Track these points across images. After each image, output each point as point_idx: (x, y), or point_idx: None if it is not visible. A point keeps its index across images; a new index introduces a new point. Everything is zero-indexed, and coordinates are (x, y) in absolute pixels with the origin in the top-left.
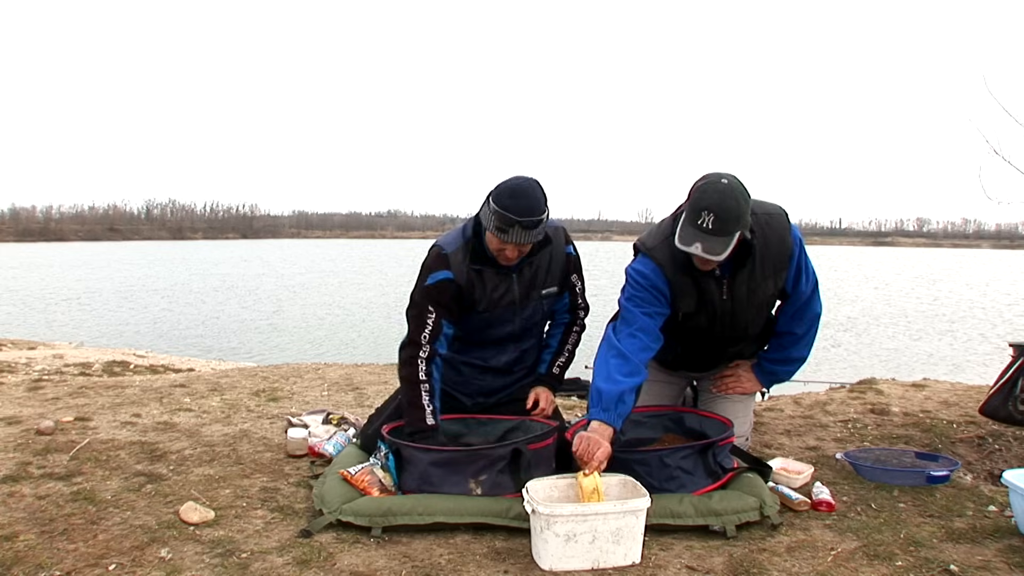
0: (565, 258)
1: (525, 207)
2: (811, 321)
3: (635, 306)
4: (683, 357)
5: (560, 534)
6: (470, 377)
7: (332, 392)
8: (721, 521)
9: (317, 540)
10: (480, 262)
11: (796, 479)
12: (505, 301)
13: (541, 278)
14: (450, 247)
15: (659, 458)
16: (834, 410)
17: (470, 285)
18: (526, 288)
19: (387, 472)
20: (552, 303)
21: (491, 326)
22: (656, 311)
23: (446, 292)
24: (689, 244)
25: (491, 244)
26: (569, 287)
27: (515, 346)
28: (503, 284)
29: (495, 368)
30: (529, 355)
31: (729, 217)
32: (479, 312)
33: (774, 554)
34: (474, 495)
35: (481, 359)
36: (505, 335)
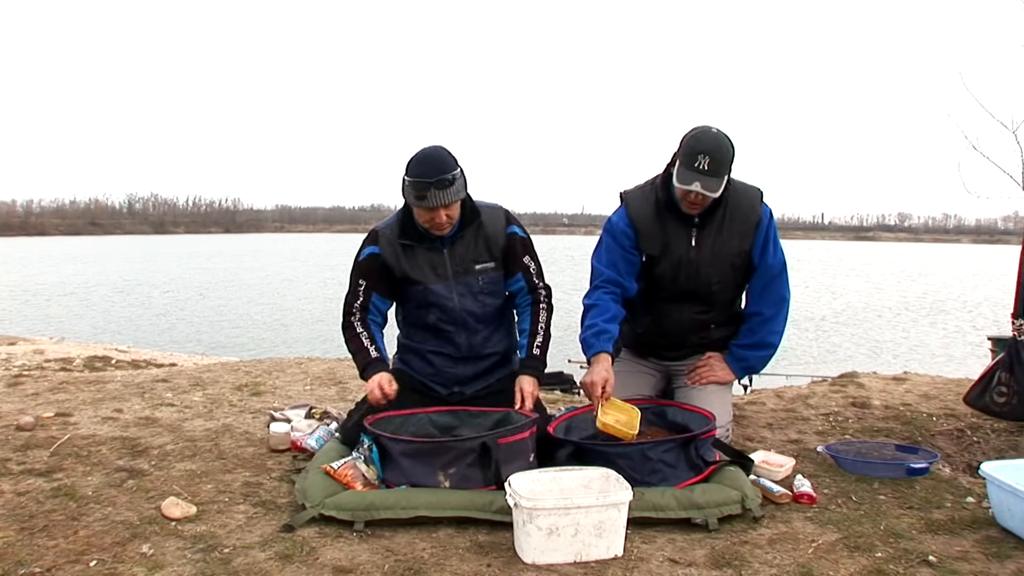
0: (507, 238)
1: (434, 168)
2: (779, 303)
3: (599, 261)
4: (653, 331)
5: (542, 527)
6: (442, 367)
7: (315, 387)
8: (703, 514)
9: (300, 535)
10: (410, 238)
11: (778, 472)
12: (437, 274)
13: (472, 253)
14: (383, 225)
15: (641, 452)
16: (816, 403)
17: (396, 259)
18: (459, 262)
19: (370, 466)
20: (493, 280)
21: (434, 302)
22: (622, 257)
23: (373, 266)
24: (688, 183)
25: (420, 219)
26: (522, 268)
27: (469, 331)
28: (434, 258)
29: (464, 355)
30: (496, 340)
31: (722, 159)
32: (414, 282)
33: (756, 546)
34: (443, 487)
35: (441, 346)
36: (451, 316)
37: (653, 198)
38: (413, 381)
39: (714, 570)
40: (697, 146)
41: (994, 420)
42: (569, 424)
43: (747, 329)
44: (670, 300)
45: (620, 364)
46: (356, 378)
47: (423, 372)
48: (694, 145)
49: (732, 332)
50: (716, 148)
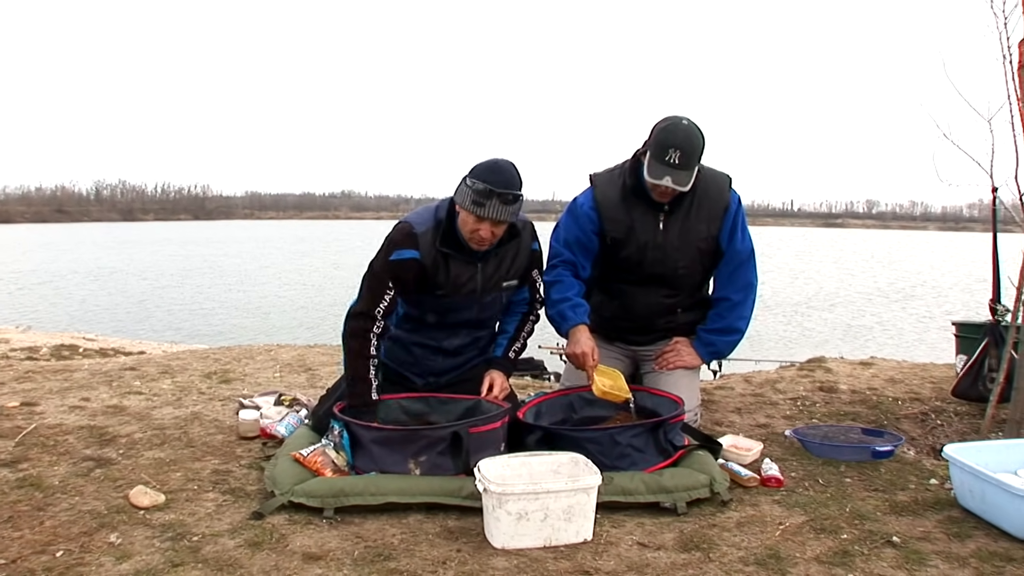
0: (529, 254)
1: (504, 180)
2: (746, 289)
3: (557, 241)
4: (620, 315)
5: (512, 512)
6: (421, 358)
7: (285, 373)
8: (672, 498)
9: (269, 522)
10: (449, 246)
11: (746, 456)
12: (466, 289)
13: (504, 270)
14: (421, 226)
15: (610, 436)
16: (784, 388)
17: (435, 268)
18: (488, 278)
19: (340, 452)
20: (511, 295)
21: (449, 311)
22: (579, 240)
23: (410, 271)
24: (660, 178)
25: (466, 225)
26: (530, 282)
27: (469, 332)
28: (467, 272)
29: (446, 350)
30: (482, 341)
31: (693, 152)
32: (438, 296)
33: (724, 529)
34: (413, 475)
35: (433, 340)
36: (461, 321)
37: (620, 183)
38: (389, 371)
39: (683, 553)
40: (668, 140)
41: (957, 403)
42: (539, 409)
43: (714, 314)
44: (637, 284)
45: None
46: (326, 364)
47: (401, 361)
48: (665, 139)
49: (699, 317)
50: (687, 142)
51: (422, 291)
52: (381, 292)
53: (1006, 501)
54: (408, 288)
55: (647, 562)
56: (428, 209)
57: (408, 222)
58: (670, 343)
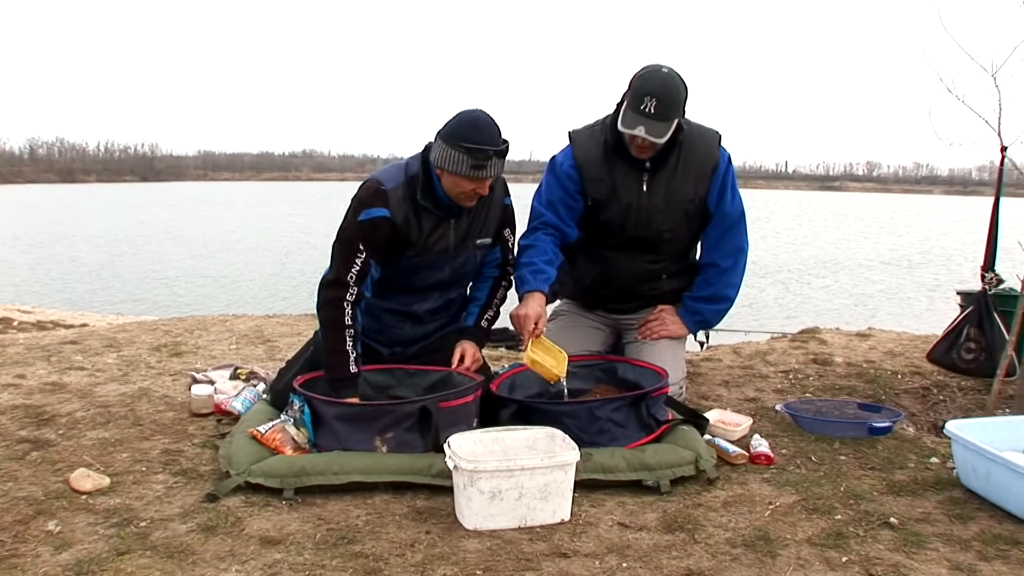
0: (502, 210)
1: (493, 136)
2: (735, 254)
3: (539, 202)
4: (601, 282)
5: (484, 491)
6: (388, 325)
7: (241, 345)
8: (655, 476)
9: (224, 504)
10: (421, 203)
11: (734, 431)
12: (439, 248)
13: (478, 227)
14: (390, 183)
15: (589, 410)
16: (775, 360)
17: (406, 226)
18: (462, 236)
19: (301, 429)
20: (484, 255)
21: (419, 272)
22: (562, 200)
23: (380, 231)
24: (633, 127)
25: (457, 187)
26: (502, 241)
27: (440, 295)
28: (439, 230)
29: (415, 315)
30: (452, 305)
31: (671, 102)
32: (409, 256)
33: (710, 509)
34: (380, 453)
35: (402, 305)
36: (432, 283)
37: (602, 140)
38: None
39: (666, 534)
40: (644, 87)
41: (961, 378)
42: (513, 382)
43: (702, 281)
44: (619, 248)
45: (566, 318)
46: (286, 335)
47: (366, 330)
48: (641, 86)
49: (685, 284)
50: (664, 90)
51: (393, 252)
52: (352, 256)
53: (1012, 481)
54: (380, 249)
55: (628, 543)
56: (397, 166)
57: (376, 179)
58: (654, 311)
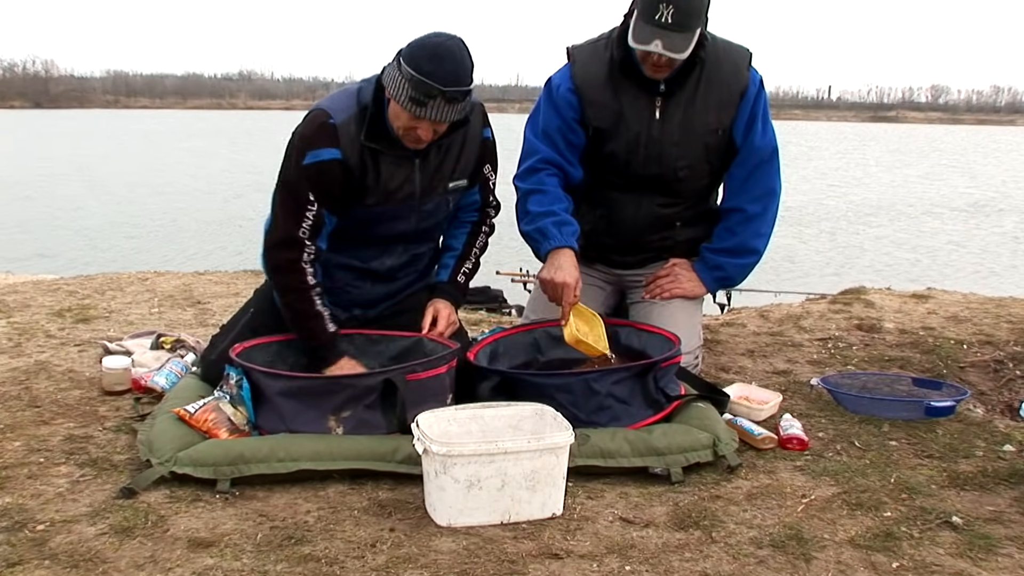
0: (480, 145)
1: (450, 74)
2: (766, 197)
3: (534, 133)
4: (603, 230)
5: (460, 479)
6: (344, 283)
7: (165, 308)
8: (664, 462)
9: (143, 500)
10: (377, 141)
11: (760, 410)
12: (402, 194)
13: (449, 168)
14: (340, 115)
15: (585, 383)
16: (811, 326)
17: (362, 169)
18: (430, 179)
19: (238, 407)
20: (459, 199)
21: (380, 223)
22: (561, 132)
23: (331, 176)
24: (647, 42)
25: (398, 120)
26: (481, 180)
27: (405, 249)
28: (401, 172)
29: (375, 273)
30: (422, 260)
31: (690, 9)
32: (366, 205)
33: (731, 502)
34: (335, 435)
35: (360, 260)
36: (395, 235)
37: (607, 56)
38: None
39: (678, 531)
40: None
41: None
42: (495, 349)
43: (724, 229)
44: (624, 189)
45: None
46: (220, 296)
47: None
48: None
49: (704, 233)
50: None
51: (347, 199)
52: (301, 209)
53: None
54: (334, 198)
55: (632, 543)
56: (347, 93)
57: (322, 110)
58: (665, 266)
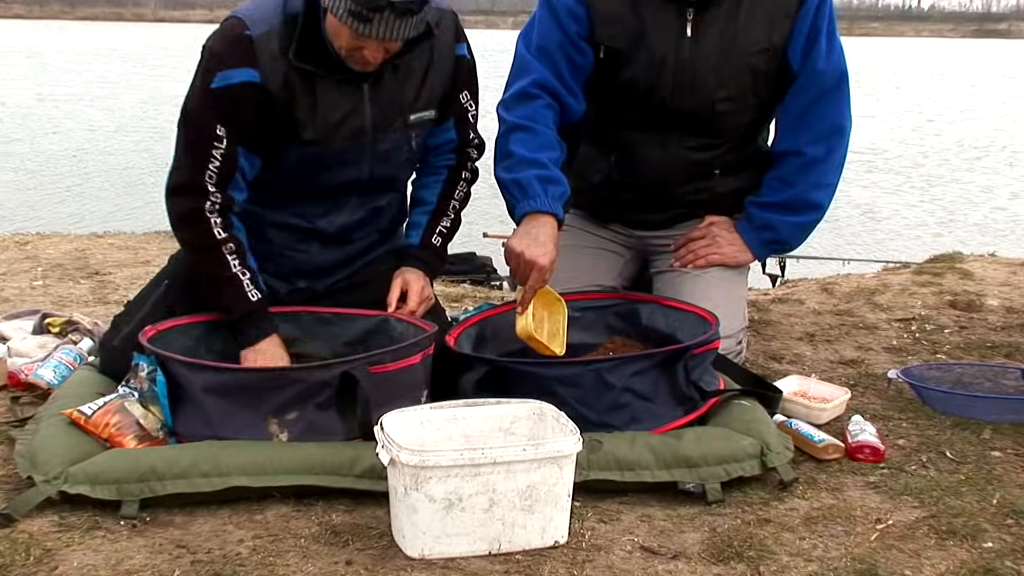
0: (453, 64)
1: None
2: (831, 137)
3: (528, 48)
4: (620, 180)
5: (436, 498)
6: (285, 247)
7: (51, 281)
8: (698, 476)
9: (23, 530)
10: (311, 60)
11: (822, 410)
12: (348, 130)
13: (411, 95)
14: (258, 26)
15: (597, 375)
16: (889, 302)
17: (288, 96)
18: (384, 110)
19: (151, 408)
20: (426, 135)
21: (323, 168)
22: (562, 48)
23: (246, 104)
24: None
25: (338, 39)
26: (456, 112)
27: (360, 201)
28: (346, 101)
29: (324, 233)
30: (383, 216)
31: None
32: (305, 143)
33: (784, 528)
34: (277, 443)
35: (303, 218)
36: (346, 184)
37: None
38: None
39: (715, 565)
40: None
41: None
42: (481, 331)
43: (776, 179)
44: (646, 128)
45: (565, 235)
46: (126, 264)
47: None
48: None
49: (750, 183)
50: None
51: (276, 136)
52: (206, 146)
53: None
54: (251, 134)
55: None
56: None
57: (238, 18)
58: (700, 225)
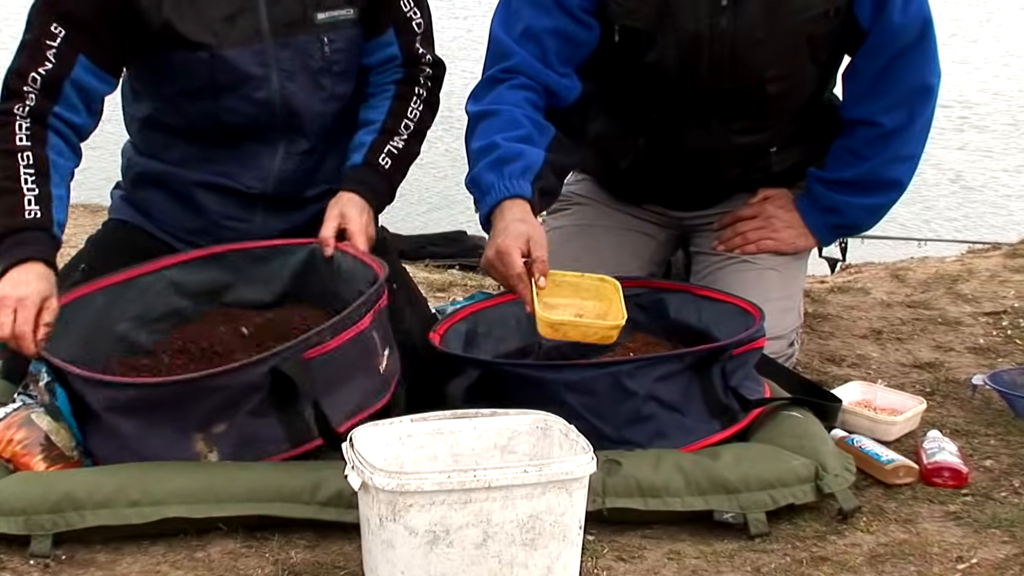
0: None
1: None
2: (914, 99)
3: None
4: (649, 165)
5: (418, 530)
6: (220, 215)
7: None
8: (738, 503)
9: None
10: None
11: (891, 424)
12: (240, 31)
13: None
14: None
15: (614, 379)
16: (975, 292)
17: None
18: (284, 7)
19: (60, 423)
20: (348, 45)
21: (221, 88)
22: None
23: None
24: None
25: None
26: (396, 18)
27: (288, 144)
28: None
29: (256, 195)
30: (325, 168)
31: None
32: (186, 46)
33: (844, 568)
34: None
35: (224, 175)
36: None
37: None
38: (154, 247)
39: None
40: None
41: None
42: (472, 327)
43: (846, 150)
44: (680, 112)
45: (583, 212)
46: None
47: (177, 228)
48: None
49: (816, 150)
50: None
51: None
52: (40, 48)
53: None
54: (100, 40)
55: None
56: None
57: None
58: (752, 200)
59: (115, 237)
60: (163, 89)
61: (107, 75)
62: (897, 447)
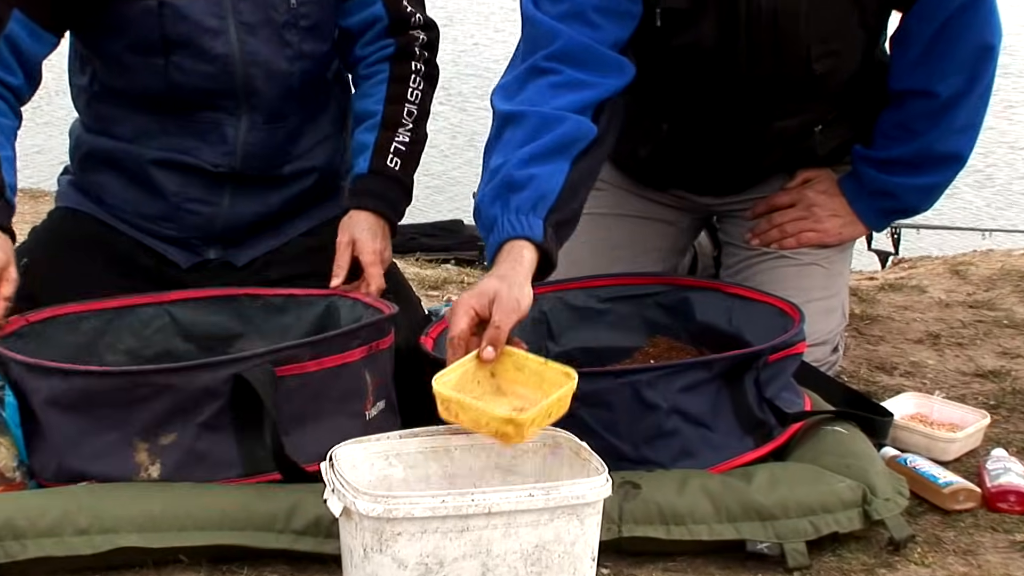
0: None
1: None
2: (973, 64)
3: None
4: (674, 152)
5: (408, 562)
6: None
7: None
8: (774, 532)
9: None
10: None
11: (950, 441)
12: None
13: None
14: None
15: (633, 390)
16: None
17: None
18: None
19: (3, 437)
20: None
21: (177, 41)
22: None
23: None
24: None
25: None
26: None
27: (251, 110)
28: None
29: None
30: (312, 145)
31: None
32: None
33: None
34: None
35: (183, 151)
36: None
37: None
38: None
39: None
40: None
41: None
42: None
43: (897, 125)
44: (714, 94)
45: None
46: None
47: (133, 214)
48: None
49: (860, 130)
50: None
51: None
52: None
53: None
54: None
55: None
56: None
57: None
58: (791, 184)
59: (62, 227)
60: (109, 48)
61: (45, 32)
62: (956, 467)
